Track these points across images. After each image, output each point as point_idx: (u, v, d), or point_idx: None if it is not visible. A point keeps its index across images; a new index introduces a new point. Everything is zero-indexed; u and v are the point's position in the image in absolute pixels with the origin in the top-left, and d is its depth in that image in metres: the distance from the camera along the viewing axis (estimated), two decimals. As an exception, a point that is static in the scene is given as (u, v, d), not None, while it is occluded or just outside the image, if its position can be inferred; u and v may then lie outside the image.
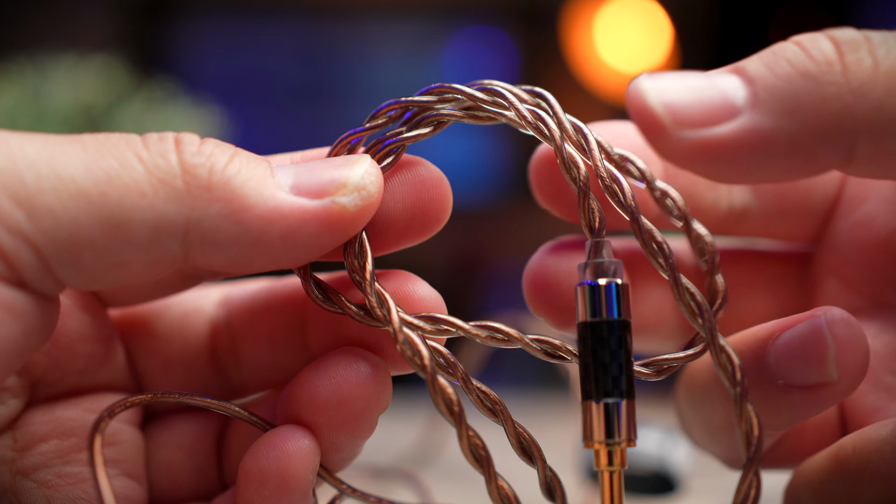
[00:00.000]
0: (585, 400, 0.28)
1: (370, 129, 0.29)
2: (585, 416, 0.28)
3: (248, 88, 2.87)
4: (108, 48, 1.45)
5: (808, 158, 0.26)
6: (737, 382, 0.27)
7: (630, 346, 0.28)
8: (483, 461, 0.27)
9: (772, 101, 0.26)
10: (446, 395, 0.27)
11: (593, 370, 0.27)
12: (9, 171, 0.24)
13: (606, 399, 0.27)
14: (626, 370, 0.27)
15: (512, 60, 3.01)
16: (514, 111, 0.29)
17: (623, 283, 0.28)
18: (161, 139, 0.26)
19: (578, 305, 0.28)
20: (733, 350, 0.28)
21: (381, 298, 0.28)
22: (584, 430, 0.28)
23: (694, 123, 0.26)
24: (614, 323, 0.27)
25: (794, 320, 0.29)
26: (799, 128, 0.25)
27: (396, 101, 0.30)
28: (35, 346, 0.25)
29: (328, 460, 0.29)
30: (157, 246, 0.25)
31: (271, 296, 0.32)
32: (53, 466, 0.29)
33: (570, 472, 0.50)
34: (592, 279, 0.28)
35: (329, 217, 0.26)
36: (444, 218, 0.29)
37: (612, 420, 0.27)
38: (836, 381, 0.28)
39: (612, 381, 0.27)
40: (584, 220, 0.29)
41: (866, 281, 0.33)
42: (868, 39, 0.26)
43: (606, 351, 0.27)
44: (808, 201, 0.34)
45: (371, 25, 2.93)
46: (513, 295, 1.43)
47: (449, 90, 0.29)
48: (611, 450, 0.27)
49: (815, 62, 0.26)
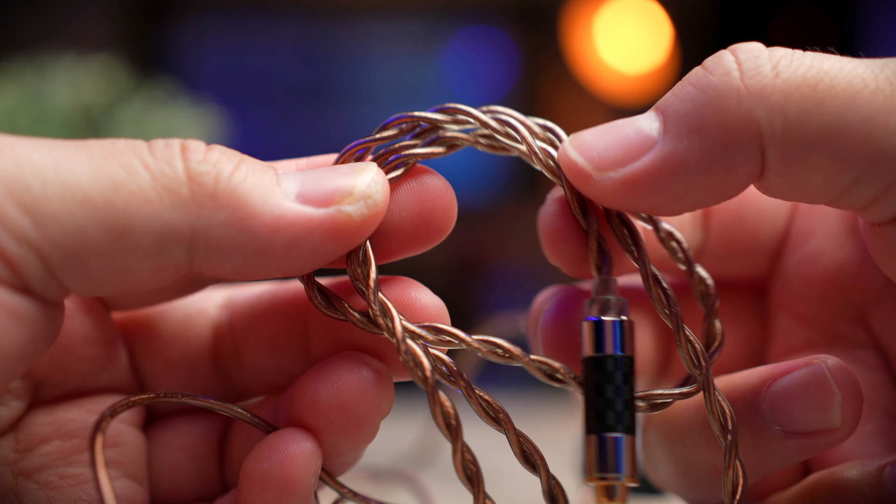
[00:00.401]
0: (588, 434, 0.28)
1: (379, 139, 0.29)
2: (587, 450, 0.28)
3: (248, 88, 2.87)
4: (108, 48, 1.45)
5: (725, 171, 0.26)
6: (728, 431, 0.28)
7: (634, 383, 0.28)
8: (473, 478, 0.27)
9: (679, 123, 0.27)
10: (445, 410, 0.27)
11: (596, 405, 0.28)
12: (15, 177, 0.24)
13: (609, 434, 0.27)
14: (629, 406, 0.28)
15: (512, 60, 3.01)
16: (525, 146, 0.29)
17: (628, 321, 0.28)
18: (167, 146, 0.26)
19: (584, 340, 0.28)
20: (726, 399, 0.28)
21: (384, 308, 0.28)
22: (587, 465, 0.28)
23: (615, 164, 0.27)
24: (619, 359, 0.28)
25: (788, 367, 0.29)
26: (709, 141, 0.26)
27: (409, 115, 0.29)
28: (39, 352, 0.25)
29: (329, 464, 0.29)
30: (162, 254, 0.25)
31: (274, 299, 0.32)
32: (55, 468, 0.29)
33: (568, 474, 0.50)
34: (598, 315, 0.28)
35: (335, 226, 0.26)
36: (448, 228, 0.29)
37: (615, 455, 0.27)
38: (838, 427, 0.28)
39: (615, 416, 0.27)
40: (591, 257, 0.29)
41: (818, 315, 0.33)
42: (772, 51, 0.27)
43: (610, 386, 0.27)
44: (757, 239, 0.34)
45: (371, 25, 2.93)
46: (512, 295, 1.44)
47: (462, 112, 0.29)
48: (611, 486, 0.27)
49: (715, 75, 0.26)
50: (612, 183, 0.27)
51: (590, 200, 0.29)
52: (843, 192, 0.26)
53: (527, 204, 3.15)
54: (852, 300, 0.33)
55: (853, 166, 0.26)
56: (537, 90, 2.98)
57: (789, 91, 0.26)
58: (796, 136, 0.26)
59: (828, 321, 0.33)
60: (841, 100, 0.25)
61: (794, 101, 0.26)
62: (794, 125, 0.26)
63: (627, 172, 0.27)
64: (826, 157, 0.26)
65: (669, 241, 0.31)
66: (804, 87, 0.26)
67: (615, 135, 0.28)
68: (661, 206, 0.27)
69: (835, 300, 0.33)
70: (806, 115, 0.25)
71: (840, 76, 0.26)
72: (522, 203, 3.02)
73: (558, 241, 0.30)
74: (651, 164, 0.27)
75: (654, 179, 0.27)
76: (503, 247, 2.83)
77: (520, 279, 2.96)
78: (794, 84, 0.26)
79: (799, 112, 0.25)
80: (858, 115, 0.25)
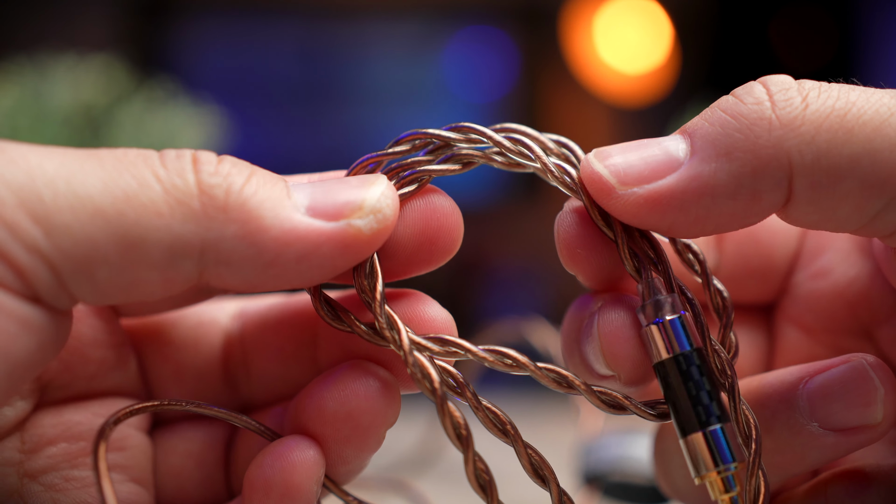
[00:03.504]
0: (685, 436, 0.28)
1: (391, 154, 0.29)
2: (690, 451, 0.28)
3: (248, 88, 2.87)
4: (108, 48, 1.45)
5: (751, 197, 0.27)
6: (752, 440, 0.28)
7: (710, 371, 0.28)
8: (487, 487, 0.27)
9: (708, 146, 0.27)
10: (455, 420, 0.27)
11: (684, 405, 0.28)
12: (28, 188, 0.24)
13: (707, 428, 0.27)
14: (714, 395, 0.28)
15: (512, 60, 3.01)
16: (540, 163, 0.29)
17: (686, 315, 0.28)
18: (178, 157, 0.26)
19: (651, 347, 0.28)
20: (750, 409, 0.28)
21: (390, 320, 0.28)
22: (694, 465, 0.28)
23: (639, 180, 0.27)
24: (690, 354, 0.28)
25: (825, 365, 0.29)
26: (737, 166, 0.26)
27: (422, 132, 0.30)
28: (47, 359, 0.26)
29: (335, 472, 0.29)
30: (172, 266, 0.25)
31: (284, 311, 0.32)
32: (61, 470, 0.29)
33: (567, 477, 0.50)
34: (656, 318, 0.28)
35: (344, 240, 0.26)
36: (453, 249, 0.29)
37: (720, 447, 0.27)
38: (879, 423, 0.28)
39: (704, 410, 0.27)
40: (628, 265, 0.29)
41: (826, 330, 0.34)
42: (801, 84, 0.27)
43: (691, 383, 0.27)
44: (771, 258, 0.34)
45: (371, 25, 2.93)
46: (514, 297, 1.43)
47: (475, 132, 0.29)
48: (725, 476, 0.27)
49: (746, 104, 0.27)
50: (635, 199, 0.27)
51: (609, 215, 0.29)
52: (872, 219, 0.27)
53: (527, 205, 3.17)
54: (860, 316, 0.33)
55: (883, 192, 0.26)
56: (537, 90, 2.98)
57: (818, 122, 0.26)
58: (826, 165, 0.26)
59: (835, 336, 0.34)
60: (869, 128, 0.26)
61: (823, 132, 0.26)
62: (825, 154, 0.26)
63: (652, 189, 0.27)
64: (856, 185, 0.26)
65: (686, 254, 0.31)
66: (833, 118, 0.26)
67: (641, 152, 0.28)
68: (680, 227, 0.28)
69: (843, 315, 0.33)
70: (836, 145, 0.26)
71: (867, 106, 0.26)
72: (523, 204, 3.02)
73: (576, 247, 0.30)
74: (676, 184, 0.27)
75: (678, 199, 0.27)
76: (504, 248, 2.83)
77: (520, 280, 2.95)
78: (822, 115, 0.26)
79: (829, 142, 0.26)
80: (888, 143, 0.26)
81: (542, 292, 2.71)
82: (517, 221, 2.84)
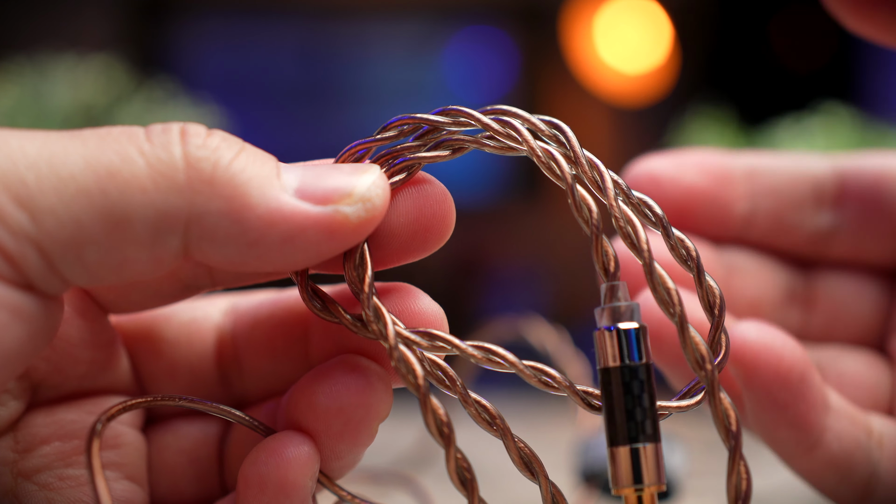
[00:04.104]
0: (612, 446, 0.27)
1: (380, 140, 0.29)
2: (613, 462, 0.27)
3: (248, 88, 2.87)
4: (108, 48, 1.45)
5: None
6: (732, 436, 0.27)
7: (653, 390, 0.28)
8: (468, 484, 0.27)
9: None
10: (437, 417, 0.26)
11: (618, 416, 0.27)
12: (10, 173, 0.23)
13: (633, 444, 0.27)
14: (650, 414, 0.27)
15: (512, 60, 3.01)
16: (527, 147, 0.28)
17: (642, 326, 0.28)
18: (165, 131, 0.25)
19: (598, 351, 0.28)
20: (732, 403, 0.28)
21: (378, 312, 0.27)
22: (613, 477, 0.27)
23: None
24: (637, 367, 0.27)
25: None
26: None
27: (410, 116, 0.29)
28: (38, 349, 0.25)
29: (328, 467, 0.29)
30: (158, 243, 0.25)
31: (276, 306, 0.32)
32: (55, 469, 0.29)
33: (564, 474, 0.50)
34: (611, 324, 0.28)
35: (330, 225, 0.26)
36: (445, 236, 0.29)
37: (640, 465, 0.27)
38: None
39: (636, 426, 0.27)
40: (598, 263, 0.28)
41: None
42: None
43: (630, 396, 0.27)
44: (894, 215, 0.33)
45: (371, 25, 2.93)
46: (511, 296, 1.43)
47: (463, 115, 0.29)
48: (639, 495, 0.27)
49: None
50: None
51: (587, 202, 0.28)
52: None
53: (527, 204, 3.17)
54: None
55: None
56: (537, 90, 2.98)
57: None
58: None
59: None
60: None
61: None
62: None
63: None
64: None
65: (679, 249, 0.30)
66: None
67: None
68: None
69: None
70: None
71: None
72: (523, 204, 3.02)
73: None
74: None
75: None
76: (504, 248, 2.83)
77: (520, 280, 2.95)
78: None
79: None
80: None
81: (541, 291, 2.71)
82: (517, 221, 2.84)
